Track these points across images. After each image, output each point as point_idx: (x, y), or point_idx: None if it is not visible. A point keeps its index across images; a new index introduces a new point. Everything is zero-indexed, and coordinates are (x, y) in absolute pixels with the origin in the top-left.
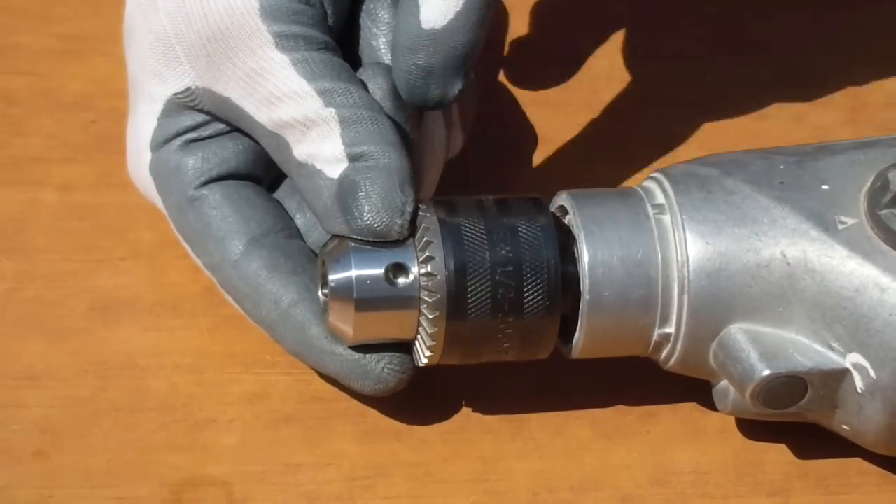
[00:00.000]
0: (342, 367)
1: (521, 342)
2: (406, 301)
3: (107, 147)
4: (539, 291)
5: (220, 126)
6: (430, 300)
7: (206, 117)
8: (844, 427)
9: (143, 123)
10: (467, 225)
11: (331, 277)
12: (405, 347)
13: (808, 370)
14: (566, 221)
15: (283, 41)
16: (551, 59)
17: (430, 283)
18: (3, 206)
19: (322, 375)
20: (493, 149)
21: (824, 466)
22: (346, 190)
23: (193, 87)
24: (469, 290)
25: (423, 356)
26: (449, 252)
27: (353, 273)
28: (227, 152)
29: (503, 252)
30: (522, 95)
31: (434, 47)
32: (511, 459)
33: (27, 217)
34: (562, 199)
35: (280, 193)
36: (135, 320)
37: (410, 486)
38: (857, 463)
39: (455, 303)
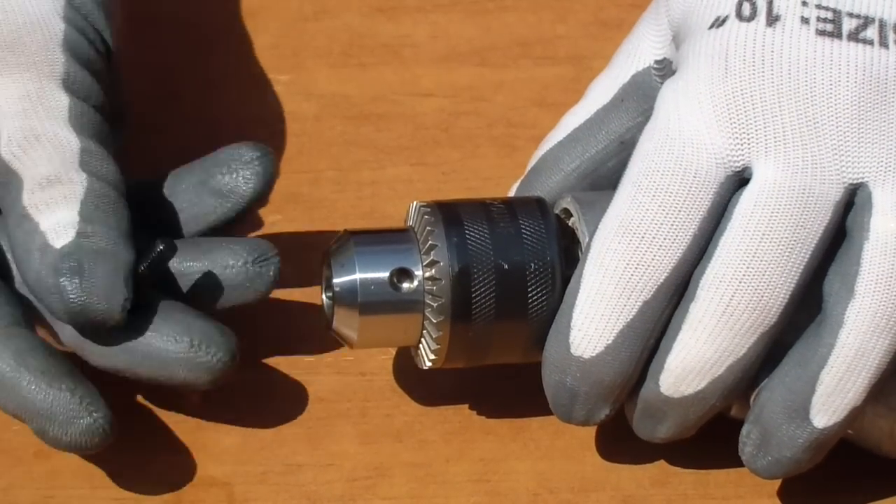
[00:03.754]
0: (49, 407)
1: (525, 345)
2: (410, 305)
3: None
4: (543, 294)
5: None
6: (434, 304)
7: None
8: (848, 430)
9: None
10: (471, 228)
11: (335, 281)
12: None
13: None
14: (570, 224)
15: (72, 82)
16: (552, 59)
17: (434, 288)
18: None
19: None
20: (494, 150)
21: (825, 467)
22: (67, 268)
23: None
24: (473, 293)
25: (427, 359)
26: (453, 256)
27: (358, 276)
28: None
29: (507, 255)
30: (523, 95)
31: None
32: (512, 460)
33: None
34: (565, 201)
35: None
36: None
37: (411, 487)
38: (857, 464)
39: (459, 307)
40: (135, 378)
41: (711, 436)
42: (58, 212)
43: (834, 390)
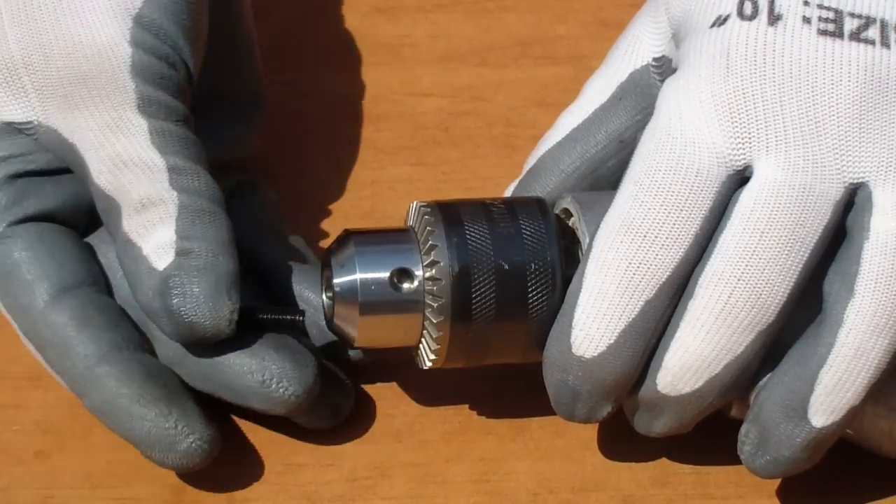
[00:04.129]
0: (148, 434)
1: (525, 345)
2: (411, 305)
3: None
4: (543, 294)
5: (47, 159)
6: (434, 305)
7: (36, 146)
8: (848, 430)
9: None
10: (471, 228)
11: (335, 281)
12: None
13: None
14: (570, 224)
15: (147, 105)
16: (552, 59)
17: (434, 288)
18: None
19: None
20: (493, 150)
21: (825, 467)
22: (171, 289)
23: (36, 123)
24: (473, 294)
25: (427, 359)
26: (453, 256)
27: (358, 276)
28: (48, 194)
29: (507, 255)
30: (522, 95)
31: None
32: (512, 460)
33: None
34: (565, 201)
35: (94, 240)
36: None
37: (411, 487)
38: (857, 464)
39: (460, 307)
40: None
41: (711, 435)
42: (156, 233)
43: (832, 390)
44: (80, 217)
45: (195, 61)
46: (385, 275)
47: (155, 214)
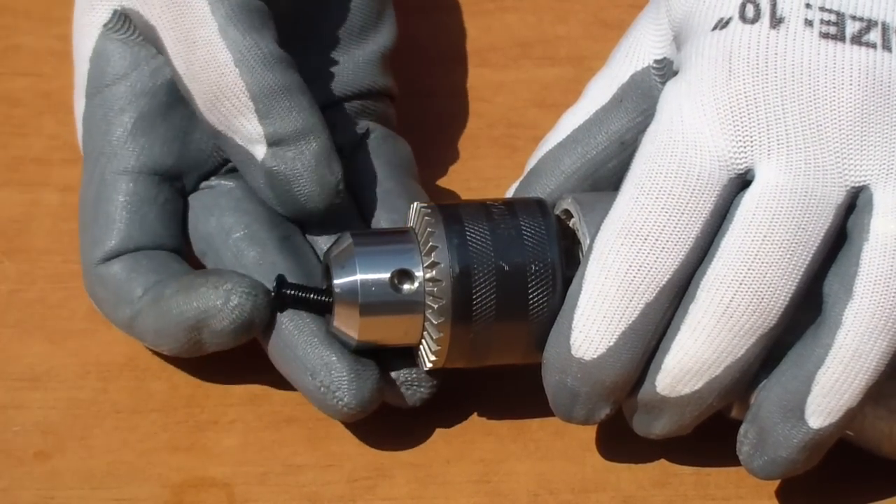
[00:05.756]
0: (203, 309)
1: (525, 346)
2: (411, 306)
3: None
4: (543, 295)
5: (152, 69)
6: (435, 306)
7: (139, 57)
8: (848, 432)
9: (79, 68)
10: (471, 229)
11: (336, 281)
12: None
13: None
14: (570, 225)
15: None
16: (552, 59)
17: (435, 289)
18: (4, 208)
19: None
20: (494, 151)
21: (825, 467)
22: (277, 182)
23: (121, 9)
24: (474, 295)
25: (427, 360)
26: (454, 257)
27: (359, 277)
28: (157, 139)
29: (508, 256)
30: (523, 96)
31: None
32: (512, 461)
33: (29, 218)
34: (566, 203)
35: (200, 200)
36: None
37: (412, 488)
38: (857, 464)
39: (460, 308)
40: None
41: (711, 436)
42: (240, 125)
43: (830, 391)
44: (186, 164)
45: None
46: (385, 276)
47: (232, 106)
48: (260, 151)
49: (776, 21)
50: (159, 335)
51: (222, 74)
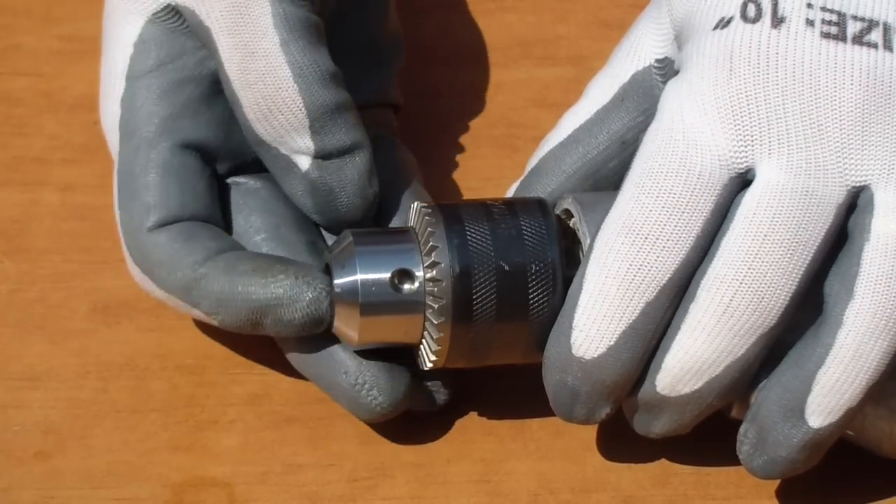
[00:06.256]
0: (273, 295)
1: (525, 346)
2: (411, 306)
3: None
4: (544, 295)
5: (196, 60)
6: (435, 306)
7: (185, 47)
8: (848, 431)
9: (116, 53)
10: (472, 229)
11: (336, 281)
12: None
13: None
14: (571, 225)
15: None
16: (552, 59)
17: (435, 289)
18: (4, 207)
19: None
20: (494, 150)
21: (825, 467)
22: (319, 192)
23: (175, 4)
24: (474, 295)
25: (428, 360)
26: (454, 257)
27: (359, 277)
28: (201, 124)
29: (508, 256)
30: (523, 96)
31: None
32: (513, 461)
33: (29, 218)
34: (566, 202)
35: (241, 190)
36: (136, 321)
37: (412, 487)
38: (857, 464)
39: (460, 308)
40: None
41: (711, 436)
42: (289, 138)
43: (830, 391)
44: (225, 151)
45: None
46: (386, 275)
47: (285, 120)
48: (304, 163)
49: (777, 21)
50: (221, 304)
51: (280, 89)
